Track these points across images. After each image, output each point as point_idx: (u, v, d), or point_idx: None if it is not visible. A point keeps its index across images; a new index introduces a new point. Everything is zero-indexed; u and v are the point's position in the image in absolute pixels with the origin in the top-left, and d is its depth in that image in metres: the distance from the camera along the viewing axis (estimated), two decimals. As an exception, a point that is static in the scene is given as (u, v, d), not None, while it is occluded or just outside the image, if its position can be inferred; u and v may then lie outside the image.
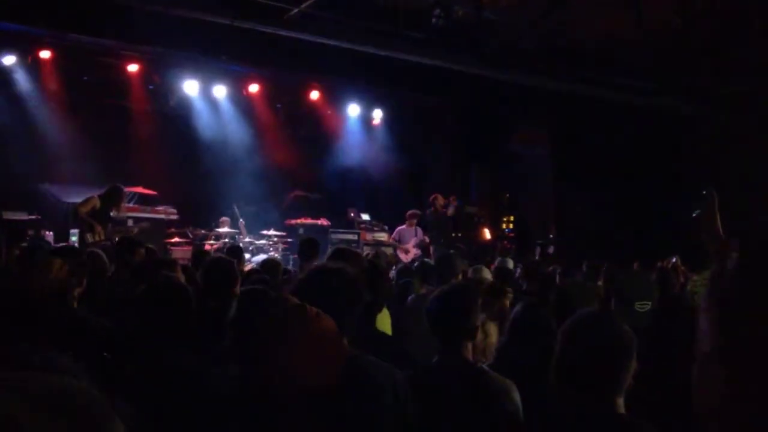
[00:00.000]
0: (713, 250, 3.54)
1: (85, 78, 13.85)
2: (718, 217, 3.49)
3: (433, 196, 14.12)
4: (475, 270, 6.75)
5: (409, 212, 13.99)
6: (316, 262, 4.47)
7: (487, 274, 6.69)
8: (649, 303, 5.21)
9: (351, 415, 2.38)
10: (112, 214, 10.75)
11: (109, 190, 10.70)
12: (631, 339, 2.34)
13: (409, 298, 5.85)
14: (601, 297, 4.34)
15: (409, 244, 13.70)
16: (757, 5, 10.71)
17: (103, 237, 10.18)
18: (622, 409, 2.30)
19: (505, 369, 3.31)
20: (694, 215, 3.59)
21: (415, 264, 7.88)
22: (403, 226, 13.96)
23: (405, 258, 12.97)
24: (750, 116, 13.23)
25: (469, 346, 3.20)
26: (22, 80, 13.21)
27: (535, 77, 13.31)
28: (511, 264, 8.15)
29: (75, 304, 4.02)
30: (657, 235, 13.29)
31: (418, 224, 13.97)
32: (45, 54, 12.98)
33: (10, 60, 12.92)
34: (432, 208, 13.98)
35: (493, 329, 4.44)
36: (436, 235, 13.75)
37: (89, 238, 10.15)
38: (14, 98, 13.26)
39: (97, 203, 10.45)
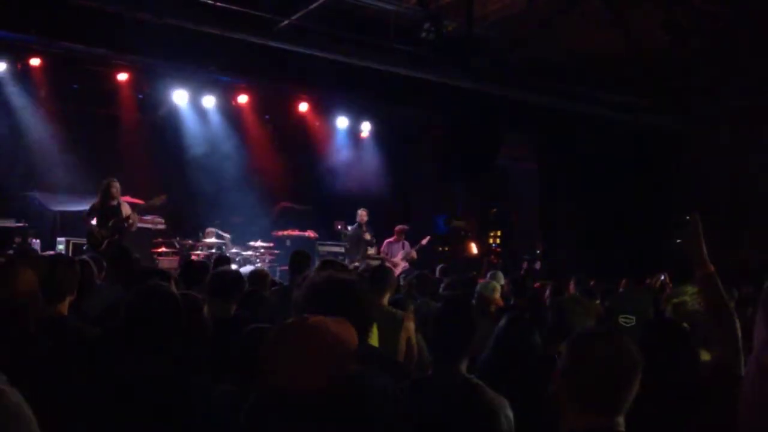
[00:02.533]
0: (699, 275, 3.53)
1: (75, 86, 13.83)
2: (703, 242, 3.48)
3: (359, 210, 14.11)
4: (483, 286, 6.73)
5: (397, 227, 14.04)
6: (310, 274, 4.50)
7: (497, 290, 6.67)
8: (634, 318, 5.24)
9: (345, 429, 2.38)
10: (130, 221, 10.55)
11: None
12: (639, 357, 2.33)
13: None
14: (599, 314, 4.34)
15: (396, 257, 13.73)
16: (745, 22, 10.82)
17: (104, 235, 10.21)
18: (622, 427, 2.31)
19: (489, 383, 3.31)
20: (678, 241, 3.58)
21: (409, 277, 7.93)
22: (392, 240, 14.02)
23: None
24: (738, 133, 13.34)
25: (466, 360, 3.20)
26: (11, 88, 13.18)
27: (523, 92, 13.38)
28: (502, 278, 8.16)
29: (65, 312, 4.00)
30: (645, 251, 13.34)
31: (405, 238, 14.01)
32: (35, 62, 12.94)
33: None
34: (356, 224, 13.94)
35: None
36: (353, 250, 13.69)
37: (92, 240, 10.26)
38: (3, 105, 13.23)
39: (97, 204, 10.45)
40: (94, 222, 10.34)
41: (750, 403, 2.06)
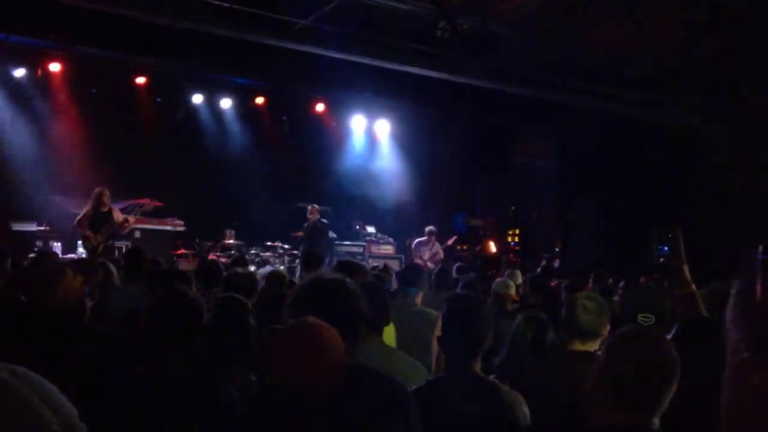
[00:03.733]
0: (678, 295, 3.50)
1: (94, 90, 13.97)
2: (685, 259, 3.44)
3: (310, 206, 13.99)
4: (498, 284, 6.72)
5: (428, 228, 13.88)
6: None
7: (511, 287, 6.65)
8: (653, 317, 5.18)
9: (350, 426, 2.40)
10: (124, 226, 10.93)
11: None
12: (678, 359, 2.33)
13: None
14: (615, 312, 4.27)
15: (424, 257, 13.62)
16: (762, 15, 10.72)
17: (100, 240, 10.48)
18: (657, 428, 2.30)
19: (508, 382, 3.30)
20: (661, 260, 3.54)
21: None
22: (423, 238, 13.89)
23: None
24: (757, 129, 13.21)
25: (479, 359, 3.18)
26: (31, 92, 13.33)
27: (540, 90, 13.32)
28: (519, 277, 8.14)
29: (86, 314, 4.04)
30: (664, 248, 13.25)
31: (436, 240, 13.90)
32: (55, 67, 13.12)
33: (20, 72, 13.07)
34: (306, 222, 13.85)
35: None
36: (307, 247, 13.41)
37: (88, 245, 10.53)
38: (24, 110, 13.37)
39: (89, 212, 10.66)
40: (87, 229, 10.60)
41: (725, 408, 2.07)
